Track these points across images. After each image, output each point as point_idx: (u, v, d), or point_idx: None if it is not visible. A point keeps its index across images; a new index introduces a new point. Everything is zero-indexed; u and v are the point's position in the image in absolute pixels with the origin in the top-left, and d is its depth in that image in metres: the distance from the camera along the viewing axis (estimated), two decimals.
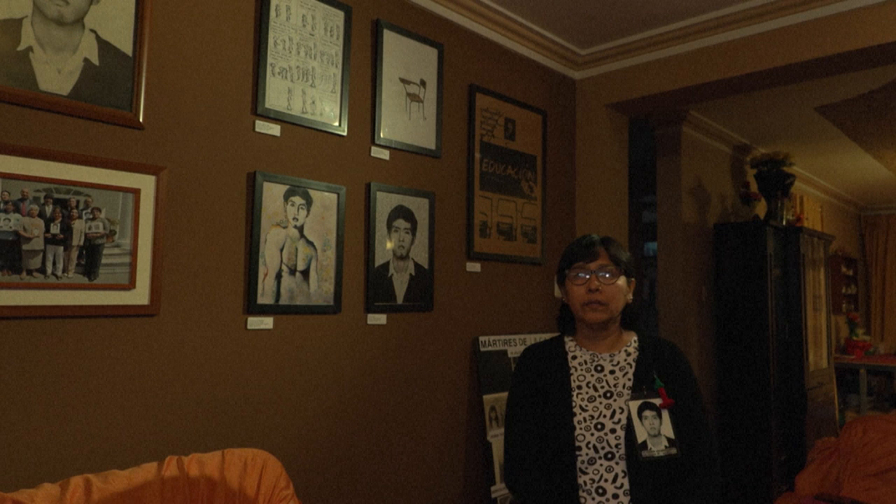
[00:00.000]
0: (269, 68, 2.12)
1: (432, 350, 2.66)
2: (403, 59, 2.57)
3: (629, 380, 1.66)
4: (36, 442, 1.62)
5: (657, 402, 1.60)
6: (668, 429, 1.58)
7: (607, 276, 1.67)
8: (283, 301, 2.13)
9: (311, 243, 2.21)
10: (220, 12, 2.03)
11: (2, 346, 1.57)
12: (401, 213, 2.53)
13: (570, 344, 1.77)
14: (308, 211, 2.21)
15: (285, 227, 2.15)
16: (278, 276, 2.12)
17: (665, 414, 1.59)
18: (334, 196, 2.29)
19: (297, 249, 2.17)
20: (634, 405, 1.60)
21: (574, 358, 1.73)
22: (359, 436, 2.35)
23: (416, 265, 2.58)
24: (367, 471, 2.37)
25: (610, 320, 1.69)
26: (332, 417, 2.27)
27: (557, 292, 3.31)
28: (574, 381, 1.68)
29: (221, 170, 2.01)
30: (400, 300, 2.51)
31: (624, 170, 3.58)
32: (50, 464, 1.63)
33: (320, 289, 2.23)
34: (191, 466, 1.68)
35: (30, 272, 1.61)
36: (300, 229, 2.19)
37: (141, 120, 1.82)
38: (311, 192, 2.22)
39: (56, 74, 1.68)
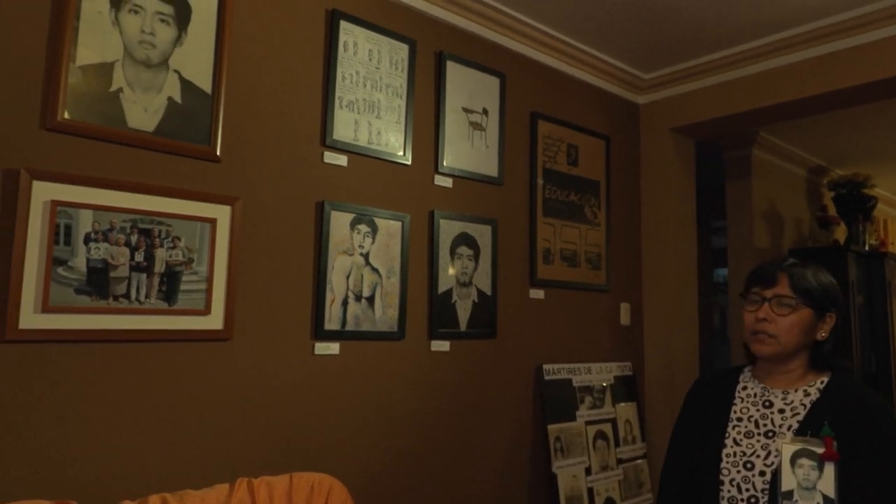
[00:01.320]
0: (337, 101, 2.20)
1: (496, 378, 2.63)
2: (466, 88, 2.61)
3: (797, 422, 1.45)
4: (118, 459, 1.70)
5: (819, 450, 1.36)
6: (828, 486, 1.33)
7: (781, 306, 1.48)
8: (349, 327, 2.17)
9: (376, 270, 2.25)
10: (292, 50, 2.13)
11: (90, 367, 1.67)
12: (464, 240, 2.54)
13: (745, 374, 1.61)
14: (373, 239, 2.25)
15: (351, 255, 2.20)
16: (344, 303, 2.16)
17: (829, 469, 1.34)
18: (399, 224, 2.33)
19: (362, 276, 2.22)
20: (789, 448, 1.39)
21: (744, 388, 1.58)
22: (422, 463, 2.35)
23: (479, 292, 2.58)
24: (430, 498, 2.36)
25: (781, 355, 1.50)
26: (396, 443, 2.28)
27: (625, 319, 3.23)
28: (735, 412, 1.54)
29: (291, 199, 2.09)
30: (463, 327, 2.51)
31: (691, 194, 3.49)
32: (130, 481, 1.70)
33: (385, 315, 2.26)
34: (260, 489, 1.71)
35: (116, 298, 1.71)
36: (366, 257, 2.23)
37: (218, 153, 1.92)
38: (377, 221, 2.27)
39: (143, 113, 1.79)
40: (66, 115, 1.66)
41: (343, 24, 2.23)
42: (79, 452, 1.64)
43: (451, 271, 2.49)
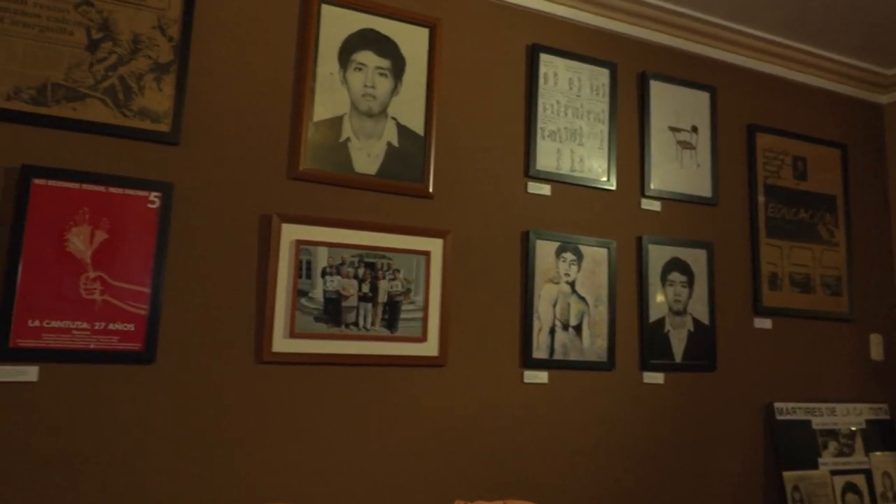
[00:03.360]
0: (539, 132, 2.24)
1: (717, 414, 2.41)
2: (672, 106, 2.49)
3: None
4: (344, 472, 1.86)
5: None
6: None
7: None
8: (557, 356, 2.15)
9: (582, 298, 2.22)
10: (495, 88, 2.21)
11: (325, 387, 1.86)
12: (675, 265, 2.40)
13: None
14: (579, 266, 2.23)
15: (557, 283, 2.19)
16: (552, 331, 2.15)
17: None
18: (604, 251, 2.28)
19: (569, 305, 2.19)
20: None
21: None
22: (635, 501, 2.22)
23: (695, 321, 2.40)
24: None
25: None
26: (607, 478, 2.19)
27: (876, 353, 2.78)
28: None
29: (498, 230, 2.15)
30: (678, 358, 2.35)
31: None
32: (354, 494, 1.85)
33: (593, 344, 2.21)
34: None
35: (347, 325, 1.89)
36: (572, 285, 2.21)
37: (430, 190, 2.05)
38: (582, 248, 2.24)
39: (366, 158, 1.99)
40: (306, 165, 1.90)
41: (543, 57, 2.27)
42: (313, 461, 1.83)
43: (661, 298, 2.36)
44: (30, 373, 1.56)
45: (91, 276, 1.63)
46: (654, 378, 2.31)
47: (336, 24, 1.99)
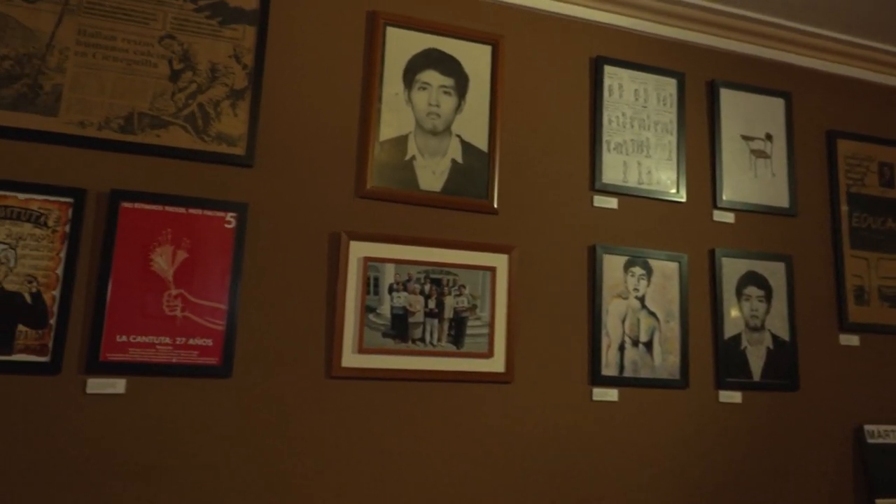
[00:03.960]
0: (604, 145, 2.21)
1: (801, 437, 2.28)
2: (744, 114, 2.41)
3: None
4: (410, 485, 1.86)
5: None
6: None
7: None
8: (627, 373, 2.10)
9: (653, 314, 2.16)
10: (559, 102, 2.20)
11: (393, 402, 1.88)
12: (751, 279, 2.30)
13: None
14: (648, 281, 2.17)
15: (626, 298, 2.14)
16: (621, 348, 2.10)
17: None
18: (675, 265, 2.21)
19: (638, 320, 2.14)
20: None
21: None
22: None
23: (774, 337, 2.29)
24: None
25: None
26: (679, 501, 2.10)
27: None
28: None
29: (564, 245, 2.13)
30: (756, 377, 2.25)
31: None
32: None
33: (665, 361, 2.14)
34: None
35: (413, 341, 1.91)
36: (641, 300, 2.15)
37: (495, 205, 2.05)
38: (651, 262, 2.18)
39: (431, 175, 2.02)
40: (373, 184, 1.94)
41: (607, 69, 2.25)
42: (380, 475, 1.84)
43: (735, 314, 2.26)
44: (118, 385, 1.65)
45: (173, 293, 1.72)
46: (731, 397, 2.21)
47: (401, 46, 2.04)
